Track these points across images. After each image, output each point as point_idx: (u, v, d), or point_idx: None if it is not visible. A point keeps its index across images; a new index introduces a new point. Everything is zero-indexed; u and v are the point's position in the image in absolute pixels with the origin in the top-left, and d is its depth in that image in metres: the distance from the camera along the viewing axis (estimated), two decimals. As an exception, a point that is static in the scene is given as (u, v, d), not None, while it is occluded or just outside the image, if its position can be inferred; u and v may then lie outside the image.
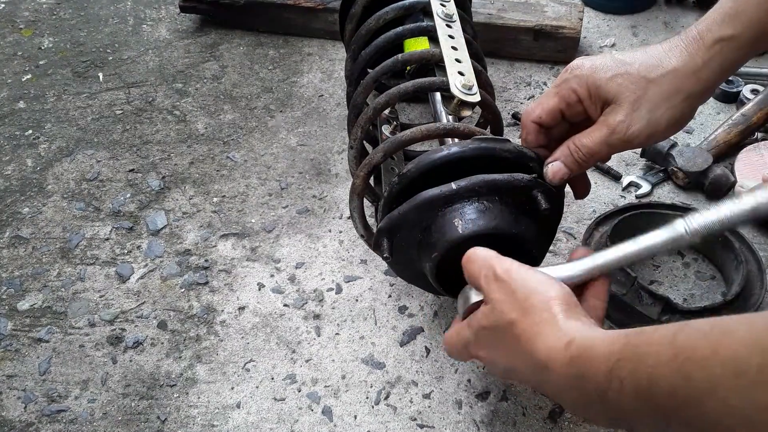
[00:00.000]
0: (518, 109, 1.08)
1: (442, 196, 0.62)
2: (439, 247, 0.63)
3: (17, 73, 1.22)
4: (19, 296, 0.86)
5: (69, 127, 1.10)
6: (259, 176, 1.00)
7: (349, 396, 0.74)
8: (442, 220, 0.63)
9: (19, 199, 0.99)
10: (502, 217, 0.62)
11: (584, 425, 0.70)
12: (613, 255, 0.58)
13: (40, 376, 0.77)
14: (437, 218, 0.63)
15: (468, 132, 0.69)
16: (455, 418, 0.72)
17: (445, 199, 0.62)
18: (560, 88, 0.63)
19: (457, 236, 0.62)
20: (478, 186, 0.62)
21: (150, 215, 0.95)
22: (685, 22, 1.26)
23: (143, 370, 0.77)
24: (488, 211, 0.62)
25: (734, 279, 0.78)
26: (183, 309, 0.83)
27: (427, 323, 0.81)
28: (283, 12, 1.23)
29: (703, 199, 0.93)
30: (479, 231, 0.62)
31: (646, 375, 0.41)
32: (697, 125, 1.04)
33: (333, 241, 0.90)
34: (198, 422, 0.72)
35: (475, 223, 0.62)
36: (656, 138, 0.60)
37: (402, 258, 0.69)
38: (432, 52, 0.76)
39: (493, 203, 0.62)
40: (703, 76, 0.58)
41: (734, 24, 0.57)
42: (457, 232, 0.62)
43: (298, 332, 0.80)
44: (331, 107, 1.12)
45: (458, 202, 0.63)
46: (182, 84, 1.18)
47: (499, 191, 0.62)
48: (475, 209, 0.62)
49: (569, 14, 1.16)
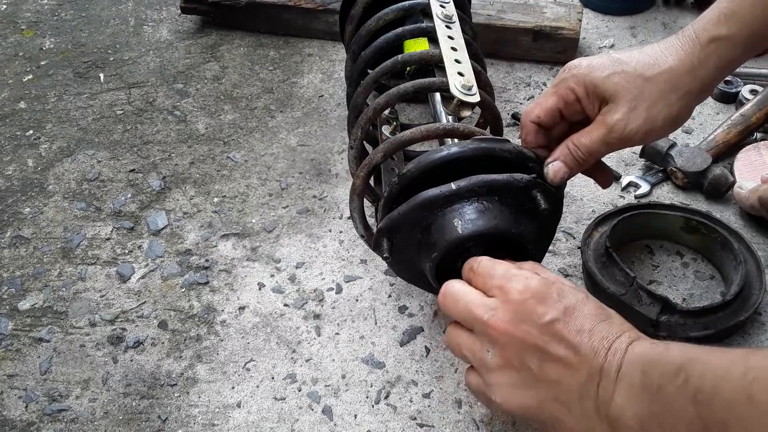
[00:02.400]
0: (518, 110, 1.09)
1: (442, 196, 0.62)
2: (438, 247, 0.64)
3: (18, 74, 1.23)
4: (20, 296, 0.86)
5: (70, 128, 1.11)
6: (260, 176, 1.01)
7: (349, 395, 0.74)
8: (441, 220, 0.63)
9: (20, 199, 0.99)
10: (501, 217, 0.63)
11: (583, 424, 0.71)
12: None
13: (41, 375, 0.77)
14: (437, 218, 0.64)
15: (468, 132, 0.69)
16: (455, 417, 0.72)
17: (444, 199, 0.63)
18: (558, 88, 0.63)
19: (456, 236, 0.62)
20: (477, 186, 0.62)
21: (151, 215, 0.95)
22: (684, 23, 1.25)
23: (144, 369, 0.78)
24: (488, 211, 0.63)
25: (733, 279, 0.79)
26: (183, 309, 0.84)
27: (427, 323, 0.81)
28: (283, 13, 1.23)
29: (703, 199, 0.93)
30: (479, 231, 0.62)
31: (712, 382, 0.42)
32: (696, 125, 1.05)
33: (333, 241, 0.91)
34: (199, 421, 0.73)
35: (475, 223, 0.62)
36: (654, 136, 0.61)
37: (402, 258, 0.69)
38: (432, 53, 0.77)
39: (493, 203, 0.63)
40: (700, 75, 0.58)
41: (729, 24, 0.57)
42: (456, 232, 0.62)
43: (299, 332, 0.81)
44: (331, 108, 1.12)
45: (458, 202, 0.63)
46: (183, 84, 1.18)
47: (498, 191, 0.63)
48: (474, 209, 0.63)
49: (568, 15, 1.16)
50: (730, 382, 0.40)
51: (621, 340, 0.50)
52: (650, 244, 0.88)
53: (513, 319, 0.53)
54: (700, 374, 0.43)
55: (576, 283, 0.83)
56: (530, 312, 0.52)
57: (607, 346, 0.50)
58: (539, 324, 0.52)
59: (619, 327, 0.51)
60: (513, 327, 0.53)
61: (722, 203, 0.92)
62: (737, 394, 0.40)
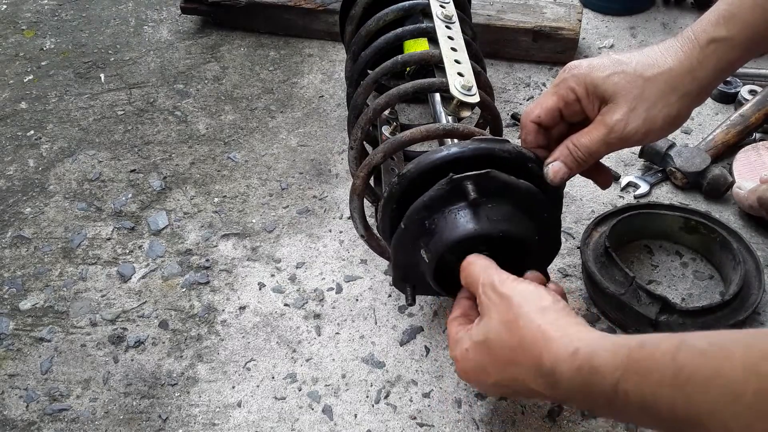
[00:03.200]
0: (517, 110, 1.09)
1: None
2: (440, 246, 0.64)
3: (19, 74, 1.23)
4: (21, 296, 0.86)
5: (71, 128, 1.11)
6: (260, 176, 1.01)
7: (349, 395, 0.75)
8: (442, 221, 0.64)
9: (21, 199, 0.99)
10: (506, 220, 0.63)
11: (582, 424, 0.71)
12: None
13: (42, 375, 0.78)
14: (439, 218, 0.64)
15: (467, 132, 0.69)
16: (455, 416, 0.72)
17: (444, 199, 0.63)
18: (558, 88, 0.64)
19: (457, 236, 0.62)
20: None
21: (151, 215, 0.95)
22: (683, 23, 1.26)
23: (145, 369, 0.78)
24: (490, 212, 0.63)
25: (732, 279, 0.79)
26: (184, 308, 0.84)
27: (426, 323, 0.81)
28: (283, 13, 1.24)
29: (702, 200, 0.93)
30: (479, 232, 0.62)
31: (650, 391, 0.43)
32: (696, 126, 1.05)
33: (333, 241, 0.91)
34: (199, 421, 0.73)
35: (476, 223, 0.62)
36: (653, 136, 0.61)
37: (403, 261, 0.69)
38: (431, 53, 0.77)
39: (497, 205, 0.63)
40: (699, 76, 0.58)
41: (728, 26, 0.57)
42: (458, 232, 0.62)
43: (299, 332, 0.81)
44: (331, 108, 1.12)
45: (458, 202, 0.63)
46: (183, 85, 1.19)
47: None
48: (475, 210, 0.63)
49: (568, 15, 1.16)
50: (665, 388, 0.42)
51: (545, 374, 0.51)
52: (649, 244, 0.88)
53: (468, 373, 0.61)
54: (635, 387, 0.44)
55: (574, 283, 0.84)
56: (477, 376, 0.60)
57: (542, 383, 0.52)
58: (487, 385, 0.59)
59: (532, 354, 0.52)
60: (472, 377, 0.61)
61: (721, 203, 0.93)
62: (676, 399, 0.41)
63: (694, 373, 0.40)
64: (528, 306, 0.54)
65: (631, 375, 0.44)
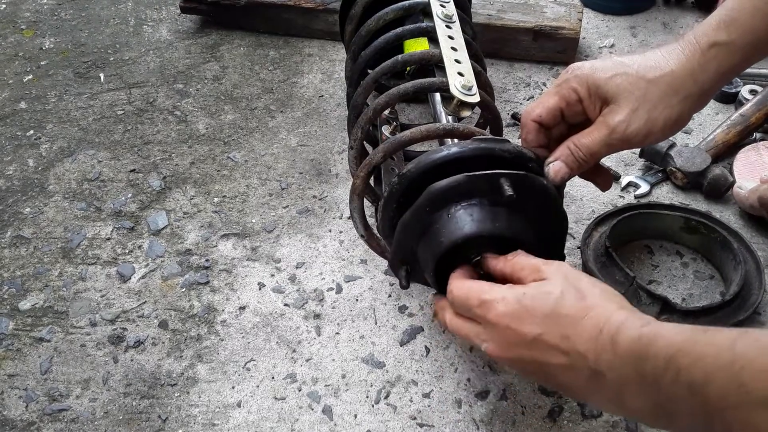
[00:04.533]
0: (517, 110, 1.09)
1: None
2: (441, 246, 0.64)
3: (18, 74, 1.23)
4: (21, 296, 0.86)
5: (70, 128, 1.11)
6: (260, 176, 1.01)
7: (349, 395, 0.74)
8: (444, 221, 0.63)
9: (20, 199, 0.99)
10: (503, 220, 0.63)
11: (583, 424, 0.71)
12: None
13: (42, 375, 0.77)
14: (440, 218, 0.64)
15: (467, 132, 0.69)
16: (455, 417, 0.72)
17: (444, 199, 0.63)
18: (561, 88, 0.64)
19: (457, 236, 0.62)
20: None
21: (151, 215, 0.95)
22: (684, 23, 1.26)
23: (144, 369, 0.78)
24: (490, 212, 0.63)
25: (733, 279, 0.79)
26: (184, 308, 0.84)
27: (427, 323, 0.81)
28: (283, 13, 1.24)
29: (702, 199, 0.93)
30: (480, 232, 0.62)
31: (702, 372, 0.43)
32: (696, 125, 1.05)
33: (333, 241, 0.91)
34: (199, 421, 0.73)
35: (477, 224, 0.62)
36: (654, 138, 0.61)
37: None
38: (432, 53, 0.77)
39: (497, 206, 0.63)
40: (700, 79, 0.59)
41: (729, 30, 0.58)
42: (459, 233, 0.62)
43: (299, 332, 0.81)
44: (331, 108, 1.12)
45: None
46: (183, 84, 1.18)
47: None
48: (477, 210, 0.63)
49: (568, 15, 1.16)
50: (720, 372, 0.42)
51: (603, 338, 0.50)
52: (650, 244, 0.88)
53: (501, 345, 0.56)
54: (688, 366, 0.44)
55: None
56: (513, 335, 0.55)
57: (593, 348, 0.50)
58: (526, 342, 0.54)
59: (598, 320, 0.51)
60: (505, 352, 0.56)
61: (722, 203, 0.92)
62: (729, 384, 0.41)
63: (751, 363, 0.40)
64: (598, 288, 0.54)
65: (687, 354, 0.44)
